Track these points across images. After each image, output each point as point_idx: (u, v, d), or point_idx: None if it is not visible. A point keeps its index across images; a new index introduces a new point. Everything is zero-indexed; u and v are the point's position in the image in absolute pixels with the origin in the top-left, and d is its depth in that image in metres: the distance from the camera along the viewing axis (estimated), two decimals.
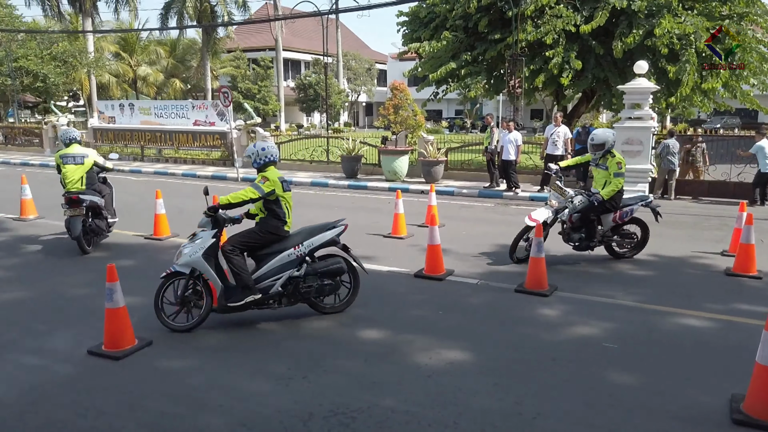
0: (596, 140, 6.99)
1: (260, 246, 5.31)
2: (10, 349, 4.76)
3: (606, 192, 6.91)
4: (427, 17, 17.57)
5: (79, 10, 32.43)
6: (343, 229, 5.50)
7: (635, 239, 7.52)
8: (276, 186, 5.21)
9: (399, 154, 15.16)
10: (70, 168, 7.89)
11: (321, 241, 5.34)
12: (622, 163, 6.95)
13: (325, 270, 5.36)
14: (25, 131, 24.82)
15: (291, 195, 5.45)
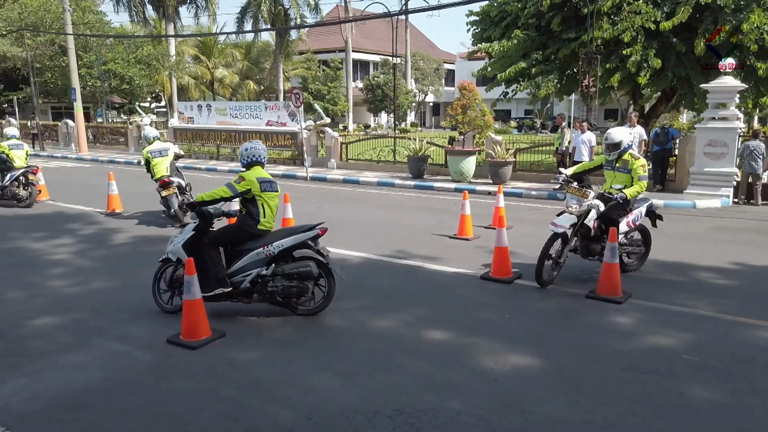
0: (610, 139, 6.36)
1: (234, 242, 5.46)
2: (98, 335, 5.08)
3: (631, 192, 6.23)
4: (498, 16, 17.32)
5: (162, 15, 34.21)
6: (318, 233, 5.43)
7: (642, 247, 6.91)
8: (252, 185, 5.34)
9: (466, 154, 15.03)
10: (158, 160, 9.74)
11: (291, 243, 5.35)
12: (646, 165, 6.42)
13: (292, 272, 5.33)
14: (111, 131, 26.41)
15: (274, 195, 5.53)
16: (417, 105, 50.53)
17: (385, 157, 18.15)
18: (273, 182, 5.59)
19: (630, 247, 6.80)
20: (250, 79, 42.20)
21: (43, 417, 3.72)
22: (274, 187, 5.56)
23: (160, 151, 9.82)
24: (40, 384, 4.16)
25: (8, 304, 5.90)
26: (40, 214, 10.98)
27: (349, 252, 7.94)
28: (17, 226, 9.82)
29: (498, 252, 6.64)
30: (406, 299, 6.03)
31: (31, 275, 6.89)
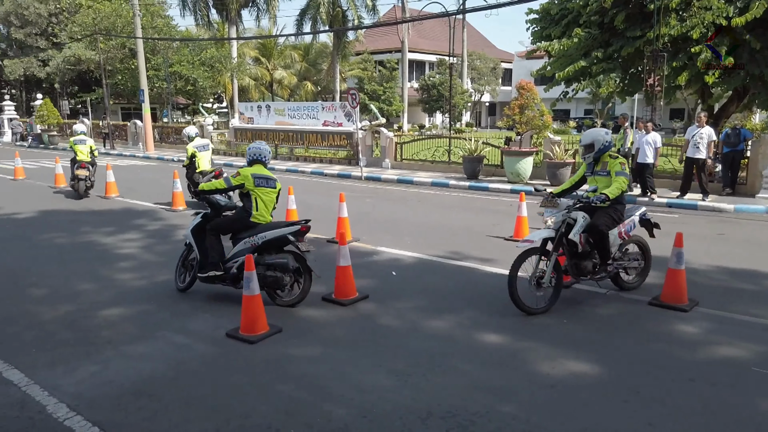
0: (584, 140, 5.83)
1: (231, 231, 5.98)
2: (161, 328, 5.30)
3: (612, 191, 5.50)
4: (559, 14, 16.91)
5: (225, 18, 35.32)
6: (300, 229, 5.70)
7: (641, 262, 6.14)
8: (246, 180, 5.82)
9: (523, 155, 14.76)
10: (202, 154, 11.09)
11: (272, 236, 5.69)
12: (625, 162, 5.73)
13: (270, 262, 5.63)
14: (176, 130, 27.44)
15: (269, 191, 5.90)
16: (473, 105, 50.05)
17: (439, 158, 18.07)
18: (270, 179, 5.98)
19: (627, 262, 6.02)
20: (307, 80, 42.94)
21: (110, 404, 3.91)
22: (270, 183, 5.95)
23: (203, 146, 11.26)
24: (108, 372, 4.38)
25: (81, 295, 6.23)
26: (110, 210, 11.54)
27: (402, 252, 7.96)
28: (89, 221, 10.36)
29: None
30: (460, 301, 5.98)
31: (102, 268, 7.25)
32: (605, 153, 5.79)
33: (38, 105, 32.70)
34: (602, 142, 5.74)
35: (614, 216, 5.67)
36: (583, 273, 5.66)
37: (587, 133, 5.88)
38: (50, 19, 38.09)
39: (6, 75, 38.71)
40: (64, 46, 35.25)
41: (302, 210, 10.24)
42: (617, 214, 5.69)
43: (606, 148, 5.78)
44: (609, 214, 5.63)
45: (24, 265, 7.39)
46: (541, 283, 5.51)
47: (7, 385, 4.15)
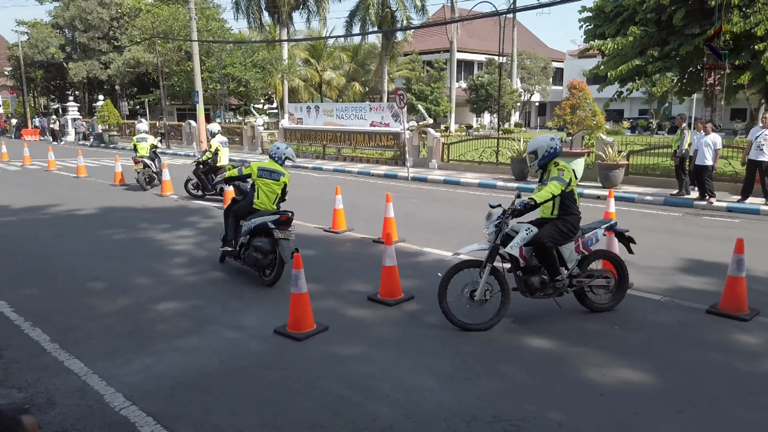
0: (528, 147, 5.44)
1: (243, 214, 6.90)
2: (213, 322, 5.45)
3: (539, 195, 5.10)
4: (614, 12, 16.49)
5: (277, 21, 36.00)
6: (280, 219, 6.40)
7: (611, 279, 5.54)
8: (252, 171, 6.87)
9: (574, 156, 14.40)
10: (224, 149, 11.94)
11: (257, 222, 6.49)
12: (566, 169, 5.20)
13: (255, 245, 6.43)
14: (228, 130, 28.13)
15: (271, 182, 6.81)
16: (522, 105, 49.29)
17: (487, 158, 17.87)
18: (275, 172, 6.86)
19: (589, 279, 5.44)
20: (356, 80, 43.27)
21: (164, 395, 4.05)
22: (274, 176, 6.84)
23: (224, 142, 12.18)
24: (161, 364, 4.54)
25: (137, 289, 6.48)
26: (166, 207, 11.94)
27: (448, 253, 7.90)
28: (146, 217, 10.75)
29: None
30: None
31: (157, 263, 7.51)
32: (551, 160, 5.34)
33: (100, 106, 34.19)
34: (546, 148, 5.32)
35: (562, 228, 5.22)
36: (531, 290, 5.30)
37: (532, 141, 5.51)
38: (112, 23, 39.76)
39: (70, 77, 40.63)
40: (124, 49, 36.74)
41: (349, 210, 10.33)
42: (567, 227, 5.23)
43: (551, 155, 5.32)
44: (557, 226, 5.22)
45: (85, 260, 7.74)
46: (474, 297, 5.18)
47: (68, 373, 4.36)
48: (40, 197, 13.05)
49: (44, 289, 6.48)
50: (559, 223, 5.24)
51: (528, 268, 5.28)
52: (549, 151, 5.32)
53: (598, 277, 5.48)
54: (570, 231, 5.25)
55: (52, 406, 3.87)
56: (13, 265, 7.51)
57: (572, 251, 5.33)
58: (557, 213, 5.27)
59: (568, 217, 5.25)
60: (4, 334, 5.12)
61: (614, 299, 5.63)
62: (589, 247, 5.40)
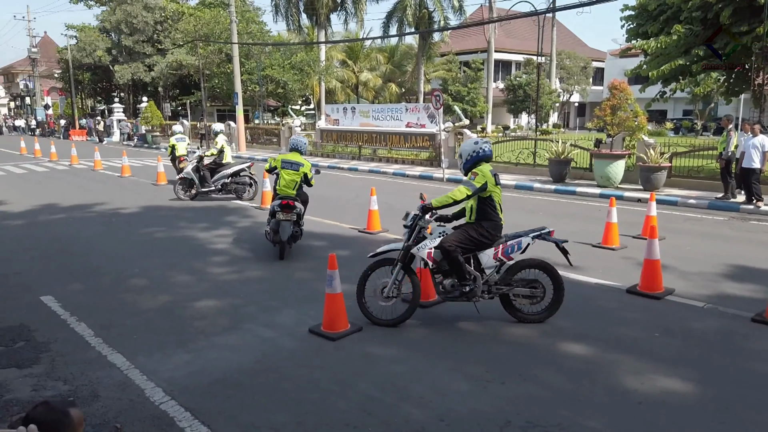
0: (457, 152, 5.31)
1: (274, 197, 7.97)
2: (249, 321, 5.55)
3: (439, 199, 5.11)
4: (657, 10, 16.06)
5: (315, 23, 36.38)
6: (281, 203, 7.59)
7: (539, 290, 5.27)
8: (276, 163, 7.94)
9: (614, 158, 14.12)
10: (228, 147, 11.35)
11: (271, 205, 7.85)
12: (479, 174, 5.09)
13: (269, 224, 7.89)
14: (266, 131, 28.60)
15: (291, 172, 7.81)
16: (561, 105, 48.49)
17: (524, 160, 17.65)
18: (294, 163, 7.88)
19: (510, 288, 5.26)
20: (392, 81, 43.32)
21: (201, 391, 4.14)
22: (294, 167, 7.86)
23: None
24: (200, 361, 4.64)
25: (177, 286, 6.65)
26: (205, 206, 12.21)
27: None
28: (186, 216, 11.01)
29: (648, 264, 6.17)
30: None
31: (196, 262, 7.69)
32: (474, 164, 5.26)
33: (143, 107, 35.18)
34: (469, 152, 5.29)
35: (472, 234, 5.14)
36: (444, 291, 5.27)
37: (461, 144, 5.56)
38: (156, 26, 40.91)
39: (116, 79, 41.98)
40: (167, 52, 37.73)
41: (384, 210, 10.36)
42: (479, 232, 5.15)
43: (473, 159, 5.27)
44: (467, 231, 5.18)
45: (128, 257, 7.98)
46: (383, 293, 5.31)
47: (111, 368, 4.51)
48: (87, 196, 13.51)
49: (89, 285, 6.72)
50: (471, 228, 5.20)
51: (440, 270, 5.28)
52: (472, 155, 5.29)
53: (521, 287, 5.28)
54: (483, 237, 5.17)
55: (96, 399, 4.01)
56: (61, 261, 7.80)
57: (490, 257, 5.23)
58: (474, 218, 5.24)
59: (484, 223, 5.19)
60: (52, 328, 5.33)
61: (547, 311, 5.37)
62: (508, 254, 5.25)
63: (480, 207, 5.19)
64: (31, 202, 12.53)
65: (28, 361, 4.63)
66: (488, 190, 5.12)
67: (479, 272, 5.23)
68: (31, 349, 4.86)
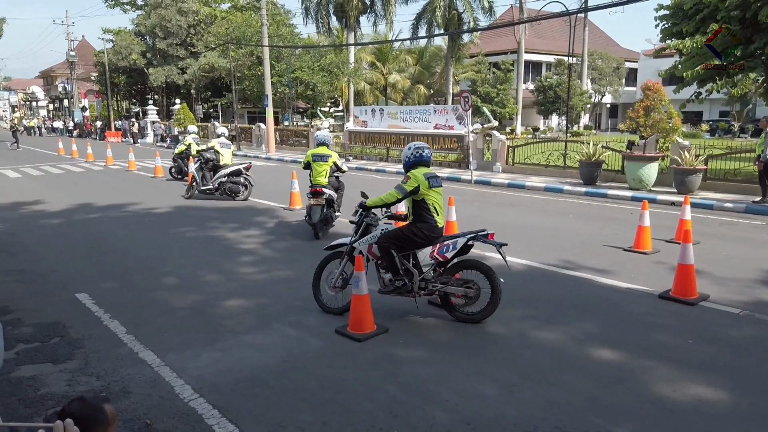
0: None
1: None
2: (277, 320, 5.60)
3: (373, 199, 5.54)
4: (693, 9, 15.66)
5: (344, 25, 36.60)
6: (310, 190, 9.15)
7: (473, 290, 5.35)
8: (308, 157, 9.40)
9: (647, 160, 13.83)
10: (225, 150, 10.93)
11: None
12: (411, 178, 5.31)
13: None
14: (295, 133, 28.86)
15: (322, 163, 9.26)
16: (592, 107, 47.76)
17: (554, 162, 17.43)
18: (323, 156, 9.30)
19: (444, 286, 5.39)
20: (420, 83, 43.30)
21: (229, 389, 4.20)
22: (323, 159, 9.28)
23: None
24: (228, 359, 4.71)
25: (207, 285, 6.75)
26: (235, 207, 12.37)
27: (511, 258, 7.76)
28: (216, 216, 11.18)
29: (682, 269, 6.02)
30: (572, 312, 5.74)
31: (226, 261, 7.80)
32: (409, 168, 5.49)
33: (176, 109, 35.86)
34: (407, 156, 5.56)
35: (406, 233, 5.37)
36: (382, 285, 5.62)
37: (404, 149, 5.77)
38: (189, 30, 41.68)
39: (150, 82, 42.89)
40: (200, 54, 38.39)
41: None
42: (413, 232, 5.34)
43: (410, 162, 5.51)
44: (401, 230, 5.42)
45: (160, 256, 8.14)
46: (329, 283, 5.74)
47: (142, 364, 4.61)
48: (121, 196, 13.83)
49: (122, 283, 6.87)
50: (407, 227, 5.44)
51: (382, 265, 5.57)
52: (410, 158, 5.53)
53: (456, 286, 5.40)
54: (416, 236, 5.36)
55: (127, 395, 4.10)
56: (96, 259, 8.00)
57: (426, 256, 5.45)
58: (411, 219, 5.48)
59: (419, 224, 5.38)
60: (86, 325, 5.47)
61: (482, 312, 5.41)
62: (443, 253, 5.39)
63: (415, 209, 5.42)
64: (68, 202, 12.89)
65: (62, 357, 4.76)
66: (420, 193, 5.32)
67: (418, 270, 5.46)
68: (66, 345, 5.00)
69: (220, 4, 47.27)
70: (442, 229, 5.45)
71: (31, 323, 5.51)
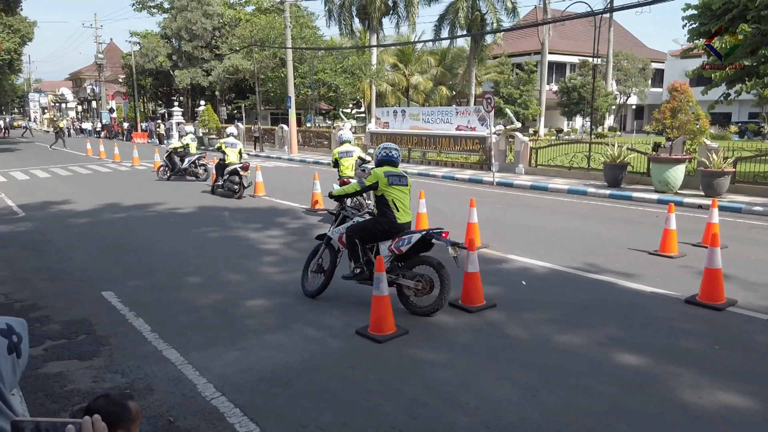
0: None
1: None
2: (297, 320, 5.63)
3: (336, 191, 6.18)
4: (722, 9, 15.34)
5: (367, 27, 36.69)
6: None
7: (422, 284, 5.58)
8: (335, 155, 10.60)
9: (674, 162, 13.59)
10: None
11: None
12: (372, 174, 5.78)
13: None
14: (317, 134, 29.02)
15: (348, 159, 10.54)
16: (617, 108, 47.10)
17: (578, 164, 17.22)
18: (348, 152, 10.54)
19: (397, 278, 5.68)
20: (442, 84, 43.16)
21: (250, 388, 4.23)
22: (349, 154, 10.54)
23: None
24: (250, 358, 4.75)
25: (230, 285, 6.82)
26: (257, 207, 12.49)
27: (534, 261, 7.71)
28: (239, 217, 11.30)
29: (709, 274, 5.90)
30: (595, 316, 5.67)
31: (248, 261, 7.87)
32: (379, 164, 5.96)
33: (201, 111, 36.32)
34: (377, 154, 6.06)
35: (369, 226, 5.86)
36: (349, 272, 6.03)
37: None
38: (214, 32, 42.21)
39: (176, 84, 43.52)
40: (224, 57, 38.86)
41: (432, 213, 10.32)
42: (374, 224, 5.82)
43: (378, 160, 5.98)
44: (366, 223, 5.94)
45: (183, 255, 8.25)
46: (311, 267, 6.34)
47: (165, 362, 4.67)
48: (146, 196, 14.06)
49: (147, 281, 6.98)
50: (371, 221, 5.94)
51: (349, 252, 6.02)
52: (378, 157, 6.01)
53: (408, 278, 5.67)
54: (377, 230, 5.78)
55: (151, 392, 4.16)
56: (121, 258, 8.14)
57: (386, 248, 5.74)
58: (377, 213, 5.90)
59: (380, 218, 5.79)
60: (112, 323, 5.57)
61: (430, 306, 5.59)
62: (399, 247, 5.65)
63: (377, 204, 5.86)
64: (95, 201, 13.14)
65: (88, 354, 4.85)
66: (380, 189, 5.71)
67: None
68: (92, 342, 5.09)
69: (245, 6, 47.79)
70: (403, 224, 5.73)
71: (59, 320, 5.63)
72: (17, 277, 7.19)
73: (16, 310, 5.90)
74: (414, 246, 5.56)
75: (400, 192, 5.74)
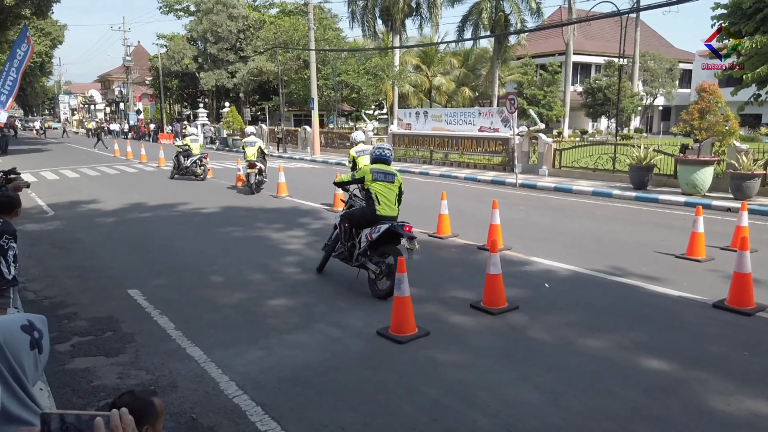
0: None
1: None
2: (319, 320, 5.66)
3: (339, 178, 6.96)
4: (753, 8, 15.05)
5: (390, 28, 36.75)
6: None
7: (379, 270, 6.22)
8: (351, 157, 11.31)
9: (702, 164, 13.32)
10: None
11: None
12: (360, 169, 6.69)
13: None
14: (339, 136, 29.12)
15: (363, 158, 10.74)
16: (644, 109, 46.35)
17: (603, 165, 16.99)
18: (364, 150, 10.80)
19: (368, 263, 6.31)
20: (465, 85, 42.98)
21: (272, 387, 4.26)
22: (365, 153, 10.58)
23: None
24: (271, 357, 4.78)
25: (253, 284, 6.89)
26: (280, 208, 12.58)
27: (557, 264, 7.62)
28: (262, 217, 11.40)
29: (738, 278, 5.77)
30: (620, 320, 5.58)
31: (270, 261, 7.94)
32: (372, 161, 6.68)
33: (225, 112, 36.76)
34: (371, 152, 6.72)
35: (357, 213, 6.60)
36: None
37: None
38: (239, 35, 42.71)
39: (201, 86, 44.13)
40: (248, 59, 39.26)
41: (454, 215, 10.28)
42: (360, 213, 6.55)
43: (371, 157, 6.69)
44: (355, 211, 6.71)
45: (207, 255, 8.35)
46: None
47: (189, 360, 4.73)
48: (171, 196, 14.27)
49: (172, 280, 7.09)
50: (359, 210, 6.66)
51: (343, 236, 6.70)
52: (372, 154, 6.71)
53: (372, 263, 6.28)
54: (361, 218, 6.49)
55: (174, 389, 4.22)
56: (147, 257, 8.28)
57: (364, 236, 6.34)
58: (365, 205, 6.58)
59: (366, 209, 6.48)
60: (137, 321, 5.66)
61: (386, 291, 6.07)
62: (371, 234, 6.21)
63: (365, 197, 6.54)
64: (122, 201, 13.39)
65: (114, 351, 4.94)
66: (366, 183, 6.41)
67: (359, 245, 6.43)
68: (118, 339, 5.19)
69: (269, 9, 48.23)
70: (383, 216, 6.29)
71: (86, 317, 5.75)
72: (47, 275, 7.36)
73: (45, 307, 6.04)
74: (382, 235, 6.12)
75: (384, 187, 6.36)
